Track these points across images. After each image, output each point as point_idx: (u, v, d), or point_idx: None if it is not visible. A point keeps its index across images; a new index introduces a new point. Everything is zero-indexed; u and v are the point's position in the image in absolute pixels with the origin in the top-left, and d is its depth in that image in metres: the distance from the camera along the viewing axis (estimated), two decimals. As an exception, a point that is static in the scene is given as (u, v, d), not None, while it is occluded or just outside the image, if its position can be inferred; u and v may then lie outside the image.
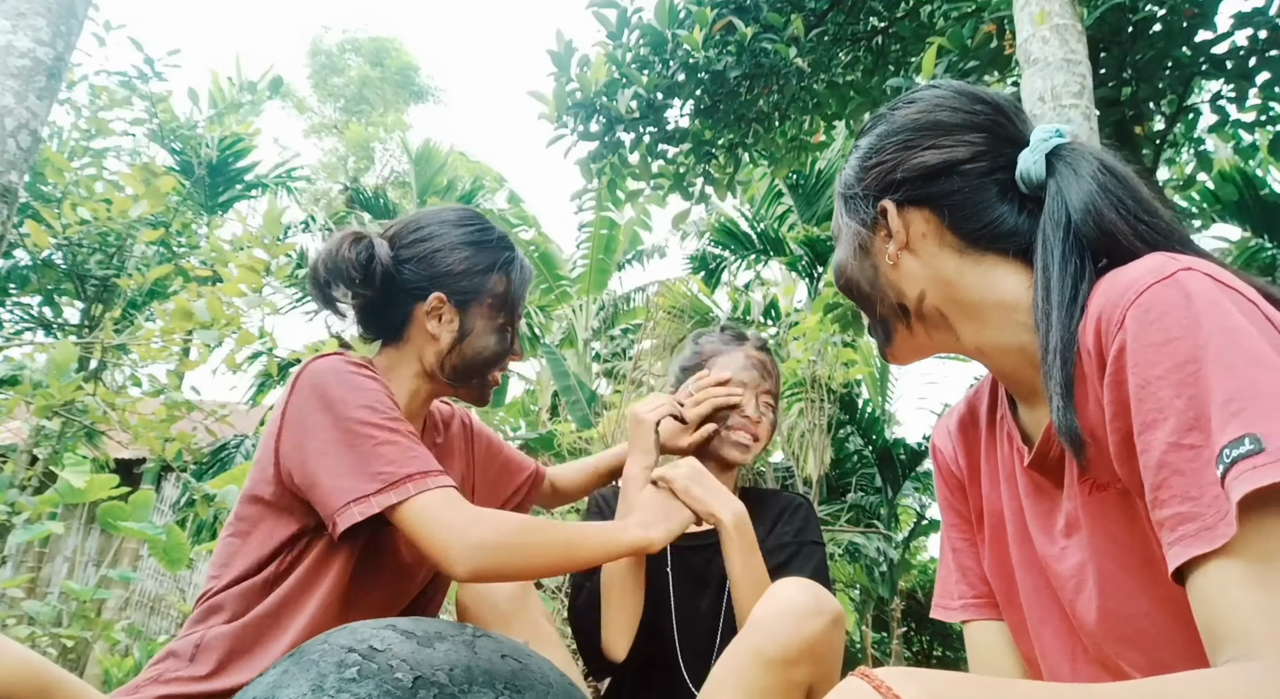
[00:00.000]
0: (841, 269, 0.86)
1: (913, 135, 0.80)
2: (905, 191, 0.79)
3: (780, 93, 3.08)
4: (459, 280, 1.18)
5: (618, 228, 9.99)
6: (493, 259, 1.20)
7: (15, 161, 2.12)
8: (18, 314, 5.29)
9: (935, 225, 0.78)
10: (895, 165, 0.80)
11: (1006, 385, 0.82)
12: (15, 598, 2.98)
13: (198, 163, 6.80)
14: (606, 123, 3.10)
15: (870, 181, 0.82)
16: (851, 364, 5.64)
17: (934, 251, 0.79)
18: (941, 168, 0.78)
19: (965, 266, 0.78)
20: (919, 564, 11.43)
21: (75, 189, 3.89)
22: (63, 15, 2.26)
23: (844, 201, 0.85)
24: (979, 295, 0.77)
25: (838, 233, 0.88)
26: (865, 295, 0.84)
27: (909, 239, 0.79)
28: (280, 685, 0.48)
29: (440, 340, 1.17)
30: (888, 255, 0.81)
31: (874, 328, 0.87)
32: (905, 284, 0.80)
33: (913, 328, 0.82)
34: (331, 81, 18.04)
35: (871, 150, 0.83)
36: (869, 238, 0.82)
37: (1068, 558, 0.73)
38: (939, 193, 0.78)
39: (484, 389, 1.23)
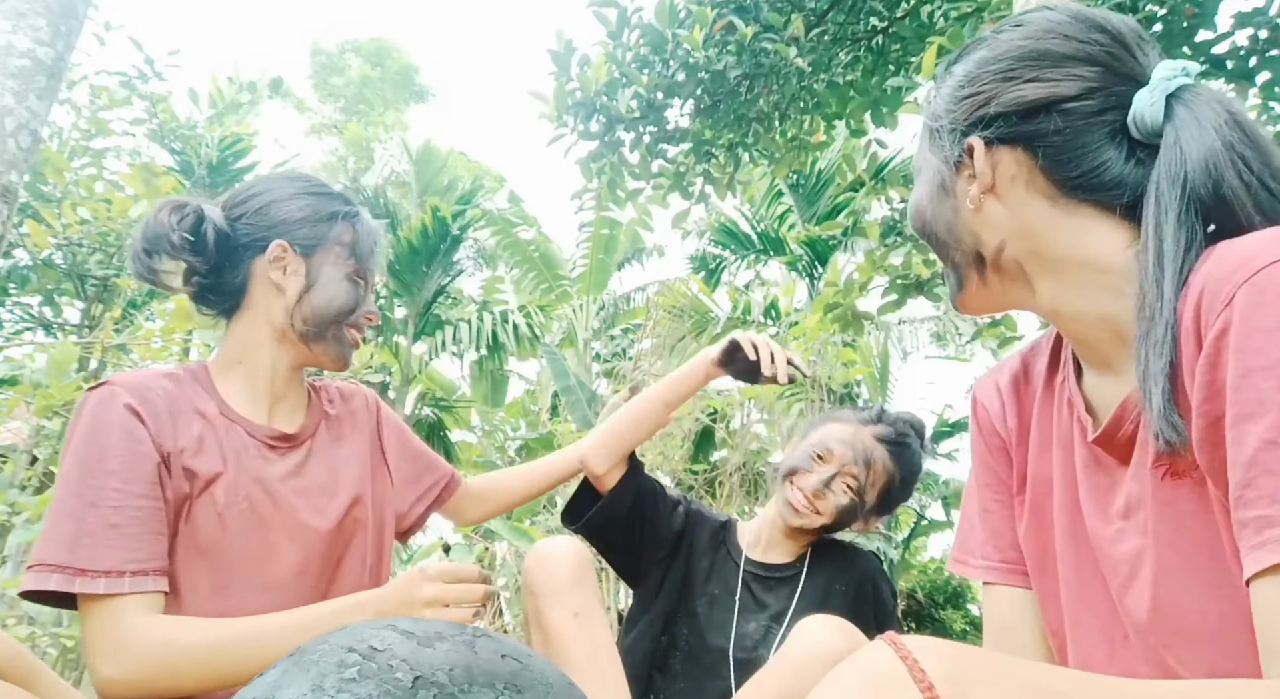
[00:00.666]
0: (918, 209, 0.78)
1: (1014, 64, 0.71)
2: (998, 128, 0.70)
3: (780, 93, 3.08)
4: (300, 227, 1.12)
5: (618, 228, 9.99)
6: (335, 208, 1.15)
7: (15, 161, 2.12)
8: (18, 314, 5.29)
9: (1027, 168, 0.70)
10: (990, 98, 0.71)
11: (1077, 350, 0.75)
12: (15, 598, 2.98)
13: (198, 163, 6.80)
14: (606, 123, 3.10)
15: (960, 114, 0.73)
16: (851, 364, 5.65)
17: (1022, 198, 0.71)
18: (1042, 104, 0.69)
19: (1055, 217, 0.70)
20: (919, 564, 11.43)
21: (75, 189, 3.89)
22: (63, 15, 2.26)
23: (929, 134, 0.77)
24: (1065, 251, 0.69)
25: (918, 168, 0.80)
26: (940, 240, 0.77)
27: (995, 182, 0.71)
28: (280, 685, 0.48)
29: (287, 292, 1.11)
30: (970, 198, 0.72)
31: (946, 273, 0.80)
32: (985, 232, 0.73)
33: (987, 280, 0.75)
34: (331, 82, 18.04)
35: (967, 78, 0.74)
36: (951, 177, 0.74)
37: (1123, 541, 0.69)
38: (1036, 132, 0.69)
39: (342, 347, 1.15)
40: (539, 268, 10.43)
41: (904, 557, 9.37)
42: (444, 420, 10.37)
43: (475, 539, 4.74)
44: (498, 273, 11.35)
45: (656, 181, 3.41)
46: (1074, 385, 0.76)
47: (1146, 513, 0.66)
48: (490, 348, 9.41)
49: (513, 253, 10.47)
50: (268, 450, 1.11)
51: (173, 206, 1.09)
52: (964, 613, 12.64)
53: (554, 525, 4.50)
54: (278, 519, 1.08)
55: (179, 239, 1.07)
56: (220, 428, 1.08)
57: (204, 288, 1.13)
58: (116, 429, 0.99)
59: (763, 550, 1.48)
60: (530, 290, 10.58)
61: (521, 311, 9.74)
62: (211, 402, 1.10)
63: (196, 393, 1.10)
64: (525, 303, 10.21)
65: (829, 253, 7.95)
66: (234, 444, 1.08)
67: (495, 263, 11.42)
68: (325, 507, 1.13)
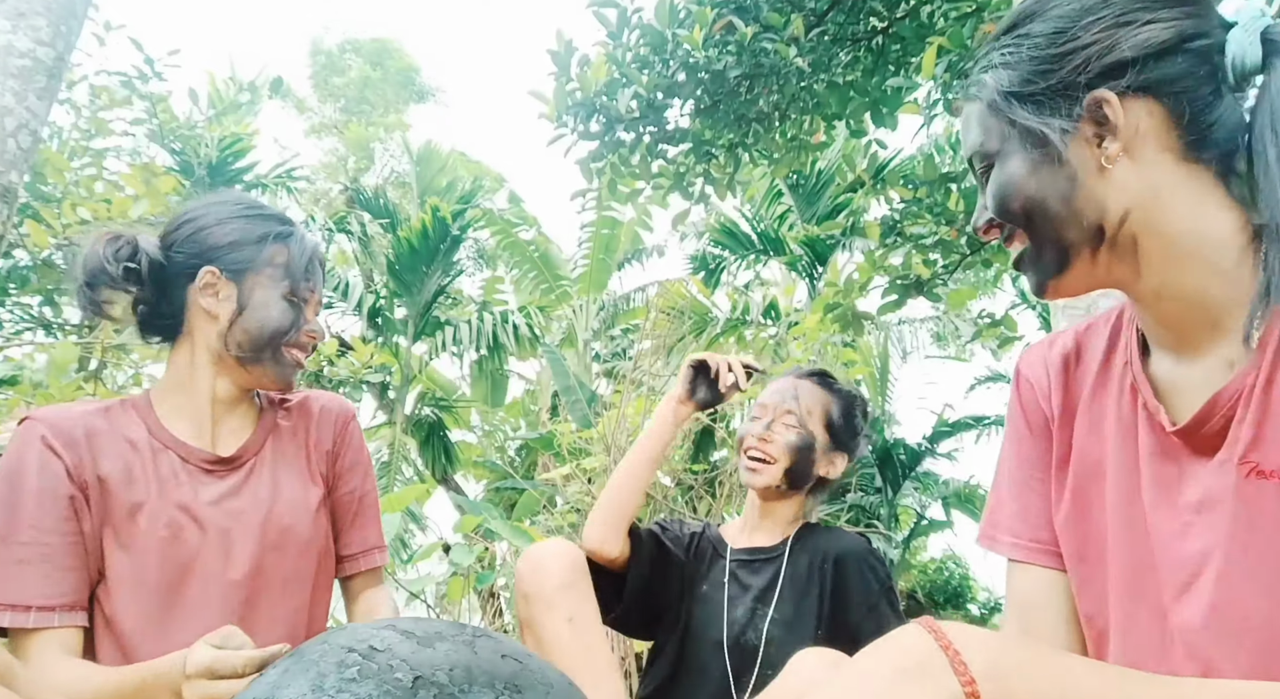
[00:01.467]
0: (1017, 186, 0.69)
1: (1127, 7, 0.65)
2: (1132, 76, 0.64)
3: (780, 93, 3.08)
4: (229, 251, 1.11)
5: (618, 228, 9.99)
6: (266, 230, 1.14)
7: (15, 161, 2.12)
8: (18, 314, 5.28)
9: (1160, 120, 0.64)
10: (1112, 44, 0.64)
11: (1156, 334, 0.70)
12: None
13: (197, 163, 6.80)
14: (606, 123, 3.10)
15: (1073, 67, 0.66)
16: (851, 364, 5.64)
17: (1153, 156, 0.65)
18: (1171, 44, 0.64)
19: (1181, 180, 0.64)
20: (919, 564, 11.43)
21: (75, 189, 3.89)
22: (63, 15, 2.26)
23: (1020, 101, 0.69)
24: (1188, 225, 0.64)
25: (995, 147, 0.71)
26: (1051, 216, 0.68)
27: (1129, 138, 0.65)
28: (280, 685, 0.48)
29: (219, 318, 1.11)
30: (1104, 158, 0.65)
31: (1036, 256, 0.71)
32: (1112, 198, 0.66)
33: (1098, 258, 0.68)
34: (332, 82, 18.03)
35: (1063, 33, 0.67)
36: (1067, 141, 0.66)
37: (1190, 537, 0.65)
38: (1169, 77, 0.64)
39: (281, 368, 1.14)
40: (539, 268, 10.43)
41: (904, 557, 9.37)
42: (444, 420, 10.37)
43: (475, 539, 4.74)
44: (498, 273, 11.35)
45: (656, 182, 3.41)
46: (1139, 370, 0.72)
47: (1223, 510, 0.63)
48: (490, 348, 9.41)
49: (513, 253, 10.47)
50: (202, 474, 1.12)
51: (109, 238, 1.11)
52: (964, 613, 12.64)
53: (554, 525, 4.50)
54: (205, 543, 1.08)
55: (116, 270, 1.08)
56: (148, 455, 1.09)
57: (145, 316, 1.15)
58: (31, 466, 1.01)
59: (747, 536, 1.50)
60: (530, 290, 10.57)
61: (521, 312, 9.74)
62: (142, 429, 1.10)
63: (129, 422, 1.11)
64: (525, 303, 10.21)
65: (829, 253, 7.95)
66: (162, 470, 1.09)
67: (495, 263, 11.42)
68: (259, 525, 1.12)
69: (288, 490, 1.18)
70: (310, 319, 1.17)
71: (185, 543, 1.07)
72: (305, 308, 1.17)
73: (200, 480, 1.11)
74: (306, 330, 1.16)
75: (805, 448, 1.43)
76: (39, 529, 0.99)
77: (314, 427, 1.25)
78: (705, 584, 1.46)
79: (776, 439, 1.43)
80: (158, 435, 1.11)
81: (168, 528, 1.06)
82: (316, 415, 1.26)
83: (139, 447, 1.09)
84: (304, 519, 1.18)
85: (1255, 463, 0.60)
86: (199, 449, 1.12)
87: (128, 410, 1.12)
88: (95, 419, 1.08)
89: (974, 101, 0.74)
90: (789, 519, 1.48)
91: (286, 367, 1.15)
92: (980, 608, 13.06)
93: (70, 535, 1.01)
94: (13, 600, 0.96)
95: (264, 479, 1.16)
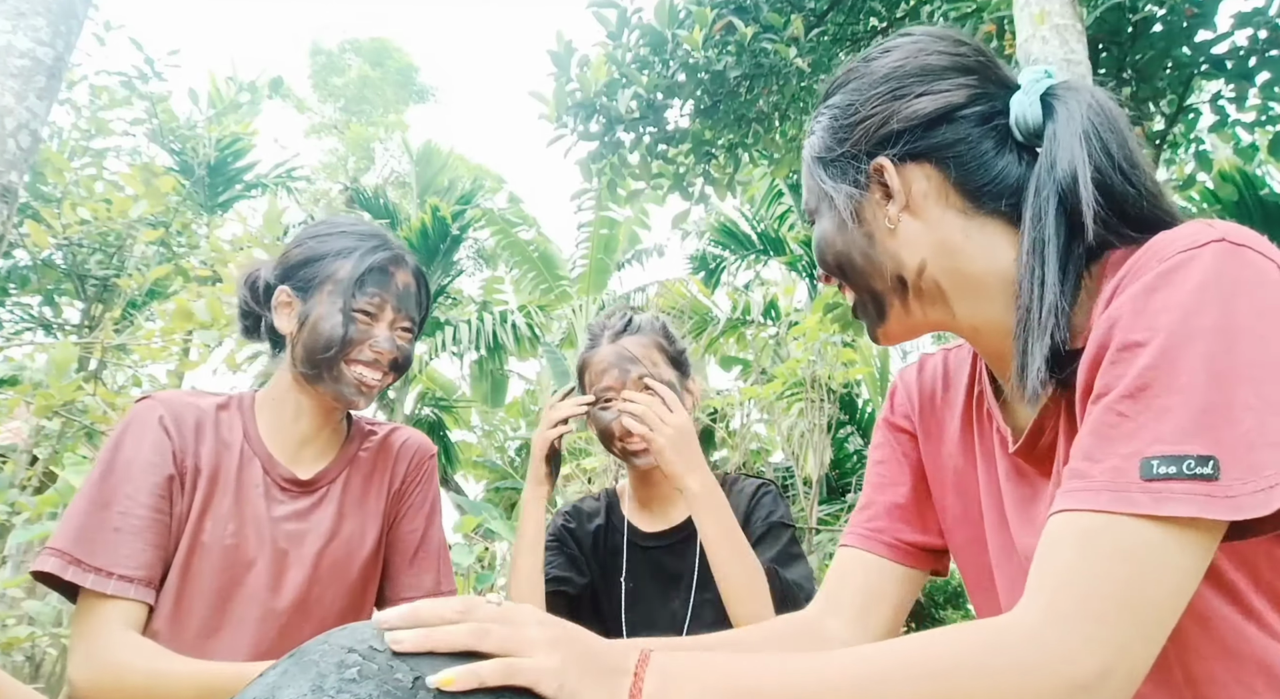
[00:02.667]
0: (828, 242, 0.77)
1: (902, 82, 0.72)
2: (903, 145, 0.71)
3: (780, 93, 3.08)
4: (299, 270, 1.14)
5: (618, 227, 9.99)
6: (337, 247, 1.14)
7: (15, 161, 2.12)
8: (18, 314, 5.29)
9: (938, 182, 0.71)
10: (887, 117, 0.72)
11: (993, 366, 0.77)
12: (15, 598, 2.98)
13: (197, 163, 6.81)
14: (606, 123, 3.10)
15: (857, 138, 0.73)
16: (851, 364, 5.64)
17: (937, 213, 0.71)
18: (940, 114, 0.70)
19: (970, 231, 0.70)
20: (919, 564, 11.39)
21: (75, 189, 3.89)
22: (63, 15, 2.26)
23: (823, 167, 0.76)
24: (982, 265, 0.70)
25: (814, 206, 0.79)
26: (858, 269, 0.75)
27: (910, 199, 0.71)
28: (280, 686, 0.48)
29: (289, 335, 1.14)
30: (887, 218, 0.72)
31: (862, 306, 0.78)
32: (905, 252, 0.72)
33: (909, 305, 0.74)
34: (331, 81, 18.04)
35: (852, 106, 0.74)
36: (860, 202, 0.73)
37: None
38: (940, 144, 0.71)
39: (340, 386, 1.11)
40: (539, 268, 10.43)
41: (904, 557, 9.35)
42: (444, 420, 10.37)
43: (475, 539, 4.74)
44: (498, 273, 11.35)
45: (656, 182, 3.41)
46: (991, 398, 0.77)
47: None
48: (490, 348, 9.40)
49: (513, 253, 10.47)
50: (278, 490, 1.13)
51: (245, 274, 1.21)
52: (964, 613, 12.63)
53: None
54: (260, 558, 1.09)
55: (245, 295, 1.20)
56: (237, 459, 1.11)
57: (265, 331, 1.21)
58: (143, 440, 1.05)
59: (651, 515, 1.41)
60: (530, 290, 10.57)
61: (521, 311, 9.73)
62: (239, 433, 1.13)
63: (231, 423, 1.14)
64: (525, 303, 10.21)
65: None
66: (245, 478, 1.11)
67: (495, 263, 11.42)
68: (313, 555, 1.13)
69: (349, 526, 1.18)
70: (379, 336, 1.12)
71: (244, 554, 1.08)
72: (374, 324, 1.13)
73: (275, 496, 1.12)
74: (372, 346, 1.12)
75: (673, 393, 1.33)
76: (135, 501, 1.02)
77: (391, 462, 1.25)
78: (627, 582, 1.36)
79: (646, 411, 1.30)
80: (251, 442, 1.13)
81: (233, 536, 1.08)
82: (396, 451, 1.26)
83: (232, 449, 1.11)
84: (357, 557, 1.17)
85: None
86: (282, 465, 1.14)
87: (233, 411, 1.15)
88: (207, 412, 1.12)
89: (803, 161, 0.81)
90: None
91: (346, 384, 1.11)
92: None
93: (162, 514, 1.04)
94: (99, 564, 0.98)
95: (330, 510, 1.17)
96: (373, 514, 1.21)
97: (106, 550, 0.99)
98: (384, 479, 1.23)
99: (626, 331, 1.39)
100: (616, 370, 1.33)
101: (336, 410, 1.18)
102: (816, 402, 5.19)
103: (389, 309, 1.14)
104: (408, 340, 1.17)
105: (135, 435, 1.06)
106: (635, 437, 1.29)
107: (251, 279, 1.20)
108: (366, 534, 1.20)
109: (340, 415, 1.21)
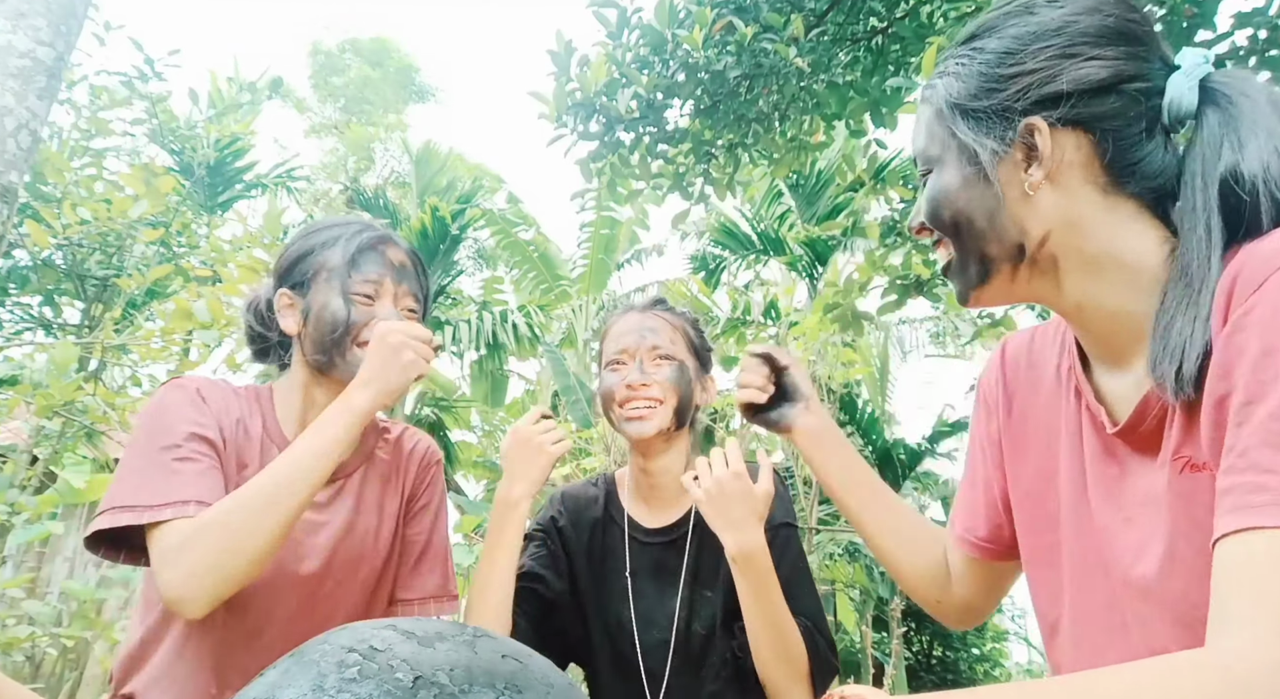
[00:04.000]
0: (948, 197, 0.72)
1: (1073, 41, 0.67)
2: (1065, 108, 0.66)
3: (780, 93, 3.08)
4: (292, 270, 1.15)
5: (618, 227, 10.00)
6: (323, 238, 1.15)
7: (15, 161, 2.12)
8: (18, 314, 5.28)
9: (1087, 154, 0.67)
10: (1054, 75, 0.66)
11: (1088, 344, 0.74)
12: (15, 598, 2.98)
13: (197, 163, 6.81)
14: (606, 123, 3.09)
15: (1013, 92, 0.68)
16: (851, 364, 5.65)
17: (1076, 186, 0.67)
18: (1109, 83, 0.66)
19: (1103, 210, 0.67)
20: (919, 564, 11.38)
21: (75, 189, 3.89)
22: (63, 15, 2.26)
23: (962, 115, 0.71)
24: (1105, 247, 0.67)
25: (936, 154, 0.74)
26: (976, 231, 0.71)
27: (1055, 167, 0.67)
28: (280, 685, 0.48)
29: (295, 332, 1.15)
30: (1026, 184, 0.68)
31: (961, 266, 0.74)
32: (1033, 220, 0.68)
33: (1018, 274, 0.71)
34: (331, 81, 18.03)
35: (1012, 55, 0.69)
36: (998, 161, 0.69)
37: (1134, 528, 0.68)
38: (1101, 114, 0.66)
39: (350, 367, 1.12)
40: (539, 268, 10.43)
41: (904, 557, 9.36)
42: (444, 420, 10.37)
43: (475, 539, 4.74)
44: (497, 273, 11.35)
45: (656, 182, 3.41)
46: (1081, 375, 0.75)
47: (1162, 503, 0.65)
48: (490, 348, 9.41)
49: (513, 253, 10.47)
50: None
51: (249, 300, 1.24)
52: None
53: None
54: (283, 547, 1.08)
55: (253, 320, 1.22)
56: (259, 448, 1.11)
57: (275, 347, 1.22)
58: (187, 404, 1.05)
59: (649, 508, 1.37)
60: (530, 290, 10.58)
61: (521, 311, 9.74)
62: (259, 423, 1.13)
63: (252, 410, 1.14)
64: (525, 303, 10.21)
65: (829, 253, 7.95)
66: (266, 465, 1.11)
67: (495, 263, 11.42)
68: (323, 549, 1.12)
69: (365, 521, 1.18)
70: (384, 313, 1.13)
71: None
72: (375, 304, 1.13)
73: None
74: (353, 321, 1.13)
75: (685, 380, 1.31)
76: (187, 449, 1.01)
77: (403, 464, 1.26)
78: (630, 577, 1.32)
79: (654, 380, 1.29)
80: (270, 432, 1.14)
81: None
82: (407, 453, 1.26)
83: (254, 438, 1.12)
84: (370, 553, 1.17)
85: (1187, 457, 0.63)
86: None
87: (252, 401, 1.15)
88: (230, 398, 1.13)
89: (927, 104, 0.76)
90: (682, 468, 1.34)
91: (358, 363, 1.11)
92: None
93: (215, 462, 1.03)
94: (171, 499, 0.95)
95: (348, 504, 1.16)
96: (389, 514, 1.21)
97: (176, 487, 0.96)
98: (399, 480, 1.24)
99: (657, 308, 1.38)
100: (635, 335, 1.32)
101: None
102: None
103: (388, 284, 1.14)
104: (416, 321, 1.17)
105: (177, 399, 1.05)
106: (635, 401, 1.28)
107: (254, 306, 1.22)
108: (382, 531, 1.20)
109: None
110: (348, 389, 1.05)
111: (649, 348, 1.31)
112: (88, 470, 2.98)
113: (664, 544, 1.34)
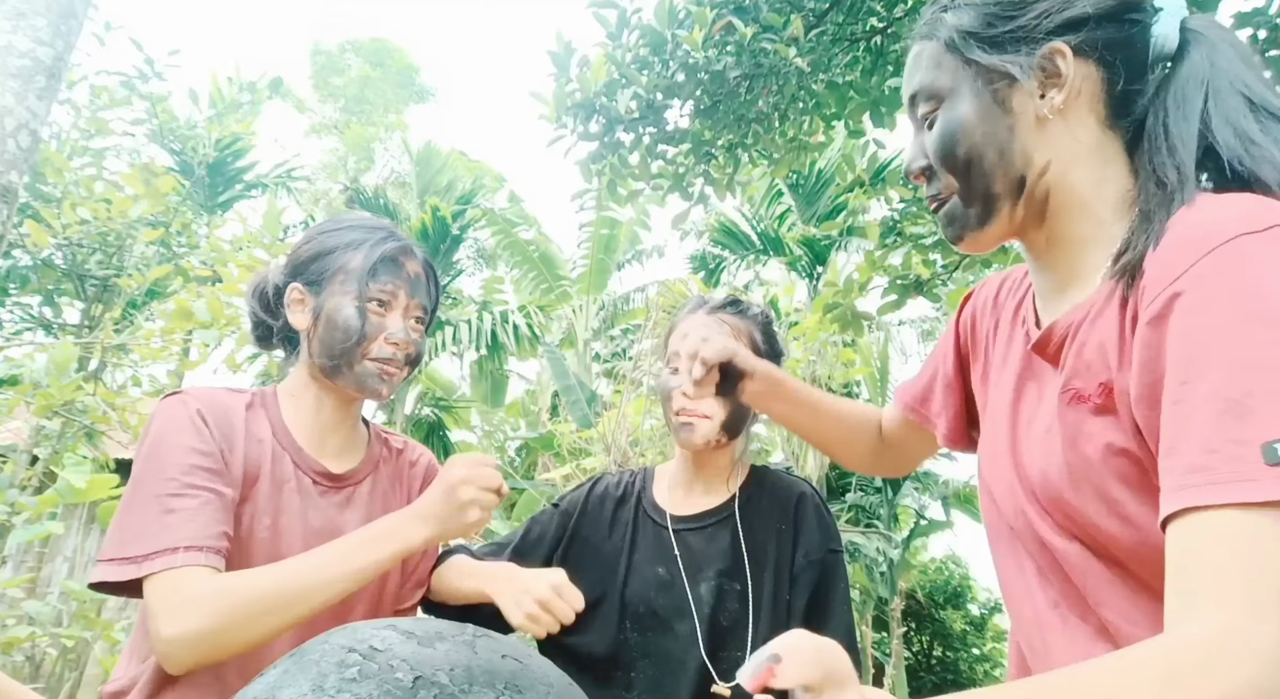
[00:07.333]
0: (964, 131, 0.69)
1: None
2: (1085, 33, 0.65)
3: (780, 93, 3.08)
4: (309, 265, 1.14)
5: (618, 228, 10.00)
6: (346, 240, 1.14)
7: (15, 161, 2.12)
8: (18, 314, 5.29)
9: (1095, 83, 0.66)
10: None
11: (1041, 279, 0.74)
12: (15, 598, 2.98)
13: (197, 163, 6.81)
14: (606, 123, 3.09)
15: (1035, 14, 0.67)
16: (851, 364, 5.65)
17: (1081, 116, 0.67)
18: (1119, 10, 0.65)
19: (1097, 143, 0.67)
20: (919, 564, 11.43)
21: (75, 189, 3.89)
22: (63, 15, 2.26)
23: (977, 43, 0.69)
24: (1091, 181, 0.67)
25: (946, 86, 0.71)
26: (986, 166, 0.69)
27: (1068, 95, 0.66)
28: (280, 685, 0.48)
29: (304, 330, 1.14)
30: (1046, 108, 0.66)
31: (961, 209, 0.72)
32: (1038, 149, 0.67)
33: (1016, 209, 0.70)
34: (332, 82, 18.03)
35: None
36: (1012, 89, 0.67)
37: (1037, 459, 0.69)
38: (1116, 40, 0.65)
39: (359, 377, 1.11)
40: (539, 268, 10.43)
41: (904, 557, 9.37)
42: (444, 420, 10.38)
43: (475, 539, 4.75)
44: (498, 273, 11.36)
45: (656, 182, 3.41)
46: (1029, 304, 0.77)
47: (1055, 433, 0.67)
48: (490, 348, 9.41)
49: (513, 253, 10.47)
50: (311, 485, 1.12)
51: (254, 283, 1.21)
52: (964, 613, 12.65)
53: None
54: (292, 554, 1.07)
55: (254, 304, 1.20)
56: (270, 455, 1.10)
57: (279, 336, 1.21)
58: (183, 430, 1.03)
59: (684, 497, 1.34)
60: (530, 290, 10.58)
61: (521, 311, 9.74)
62: (267, 429, 1.12)
63: (258, 417, 1.13)
64: (525, 303, 10.22)
65: (828, 253, 7.95)
66: (279, 473, 1.10)
67: (495, 263, 11.42)
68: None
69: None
70: (393, 326, 1.12)
71: (278, 548, 1.07)
72: (388, 314, 1.13)
73: (308, 491, 1.12)
74: (388, 338, 1.12)
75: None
76: (183, 483, 0.99)
77: (406, 475, 1.26)
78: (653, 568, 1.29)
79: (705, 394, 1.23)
80: (280, 437, 1.13)
81: (269, 529, 1.07)
82: (410, 466, 1.27)
83: (264, 445, 1.11)
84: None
85: (1075, 389, 0.64)
86: (312, 457, 1.14)
87: (258, 407, 1.14)
88: (236, 409, 1.11)
89: (928, 40, 0.74)
90: (726, 467, 1.32)
91: (366, 375, 1.11)
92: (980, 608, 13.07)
93: (214, 494, 1.01)
94: (161, 547, 0.94)
95: (359, 510, 1.16)
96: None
97: (166, 532, 0.95)
98: (403, 490, 1.24)
99: (727, 309, 1.32)
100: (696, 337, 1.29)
101: (356, 401, 1.19)
102: (816, 402, 5.18)
103: (402, 297, 1.14)
104: (420, 334, 1.18)
105: (174, 427, 1.03)
106: (689, 414, 1.25)
107: (259, 288, 1.20)
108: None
109: (359, 406, 1.22)
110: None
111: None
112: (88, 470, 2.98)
113: (695, 530, 1.31)
